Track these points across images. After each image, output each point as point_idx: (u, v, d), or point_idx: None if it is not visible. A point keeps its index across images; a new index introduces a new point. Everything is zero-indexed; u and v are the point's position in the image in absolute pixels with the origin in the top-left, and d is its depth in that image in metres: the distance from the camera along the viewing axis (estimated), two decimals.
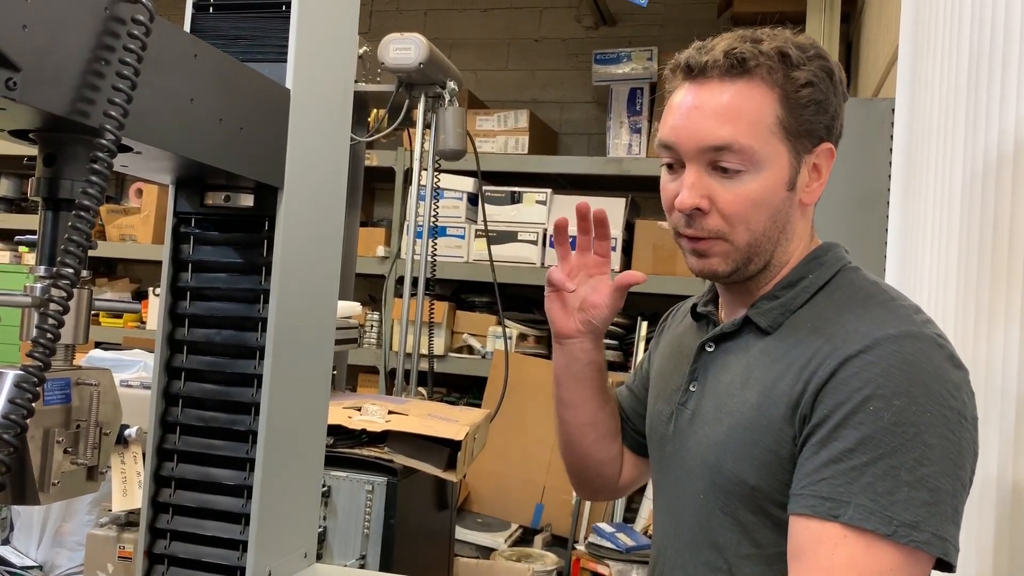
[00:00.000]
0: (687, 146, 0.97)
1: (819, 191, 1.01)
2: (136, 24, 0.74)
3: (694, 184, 0.96)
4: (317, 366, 1.15)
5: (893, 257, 1.85)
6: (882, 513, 0.84)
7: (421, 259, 2.87)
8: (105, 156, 0.71)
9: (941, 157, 1.44)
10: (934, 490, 0.84)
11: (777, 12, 3.83)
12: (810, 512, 0.87)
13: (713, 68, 0.96)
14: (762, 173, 0.95)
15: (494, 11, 4.87)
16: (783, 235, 1.00)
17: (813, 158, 0.99)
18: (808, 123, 0.96)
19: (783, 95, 0.95)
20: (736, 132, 0.94)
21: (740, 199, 0.96)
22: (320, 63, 1.09)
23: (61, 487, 0.80)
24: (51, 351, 0.67)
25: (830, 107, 0.98)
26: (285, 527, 1.09)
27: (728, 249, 0.98)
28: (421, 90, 2.72)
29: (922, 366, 0.88)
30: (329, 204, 1.15)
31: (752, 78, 0.95)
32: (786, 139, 0.96)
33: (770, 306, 1.01)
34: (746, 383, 0.98)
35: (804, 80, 0.95)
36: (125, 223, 4.48)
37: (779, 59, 0.95)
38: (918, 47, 1.69)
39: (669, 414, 1.09)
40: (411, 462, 2.02)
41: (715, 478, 0.99)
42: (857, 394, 0.87)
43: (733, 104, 0.95)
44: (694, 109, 0.96)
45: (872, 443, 0.85)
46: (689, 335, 1.13)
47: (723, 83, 0.95)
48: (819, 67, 0.97)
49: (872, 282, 1.00)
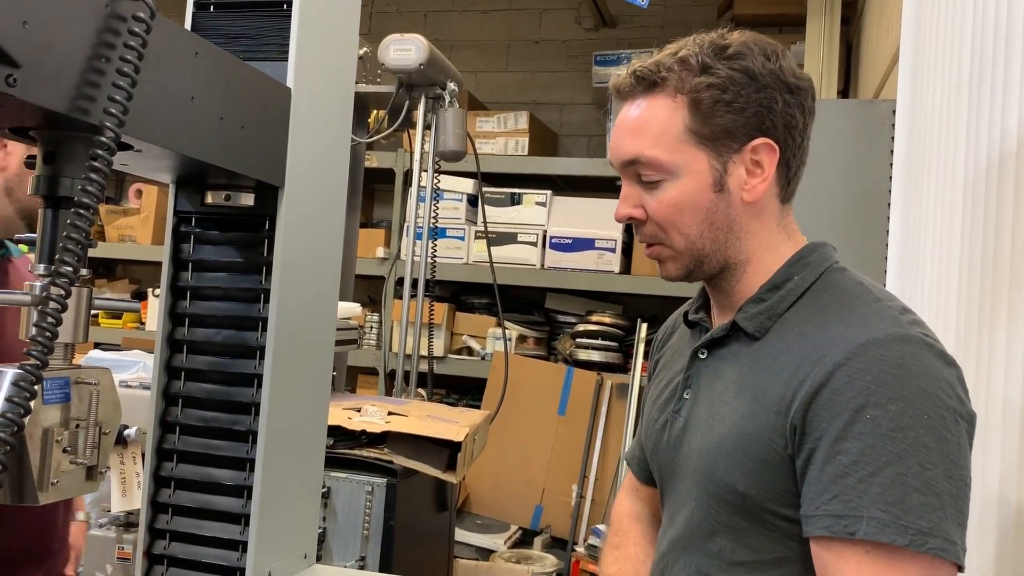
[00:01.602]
0: (614, 162, 1.05)
1: (763, 187, 0.99)
2: (137, 21, 0.73)
3: (627, 196, 1.04)
4: (317, 366, 1.15)
5: (894, 260, 1.84)
6: (896, 523, 0.83)
7: (421, 260, 2.87)
8: (105, 154, 0.70)
9: (943, 158, 1.44)
10: (939, 494, 0.84)
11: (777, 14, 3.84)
12: (827, 533, 0.87)
13: (627, 89, 1.02)
14: (680, 179, 0.99)
15: (494, 12, 4.87)
16: (730, 235, 1.01)
17: (748, 155, 0.99)
18: (723, 124, 0.97)
19: (690, 101, 0.98)
20: (642, 145, 1.00)
21: (664, 206, 1.00)
22: (321, 62, 1.09)
23: (60, 486, 0.80)
24: (49, 349, 0.67)
25: (749, 104, 0.97)
26: (285, 528, 1.09)
27: (671, 254, 1.03)
28: (421, 91, 2.72)
29: (912, 368, 0.87)
30: (330, 203, 1.15)
31: (659, 92, 1.00)
32: (700, 144, 0.98)
33: (756, 310, 1.00)
34: (739, 391, 0.98)
35: (706, 84, 0.97)
36: (124, 224, 4.48)
37: (681, 67, 0.98)
38: (919, 48, 1.69)
39: (664, 422, 1.09)
40: (411, 463, 2.02)
41: (707, 486, 0.99)
42: (851, 404, 0.87)
43: (640, 119, 1.01)
44: (616, 128, 1.04)
45: (874, 452, 0.85)
46: (683, 342, 1.13)
47: (635, 100, 1.02)
48: (734, 67, 0.97)
49: (857, 283, 1.00)
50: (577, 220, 3.86)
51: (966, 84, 1.32)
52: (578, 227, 3.85)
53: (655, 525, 1.23)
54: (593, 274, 3.82)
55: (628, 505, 1.28)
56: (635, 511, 1.27)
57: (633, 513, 1.27)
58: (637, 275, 3.80)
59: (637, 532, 1.25)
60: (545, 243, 3.89)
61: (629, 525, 1.26)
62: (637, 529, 1.25)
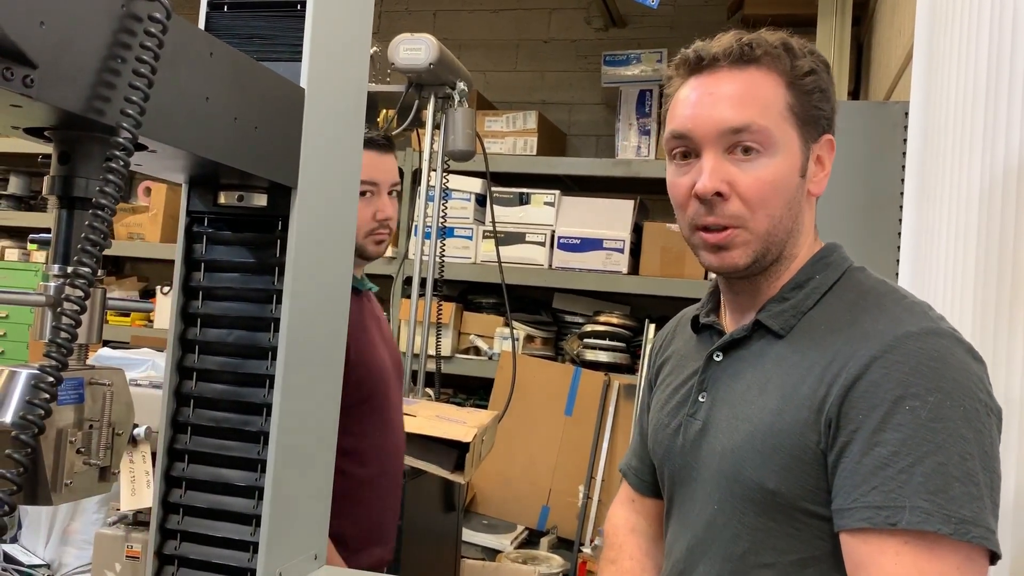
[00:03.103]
0: (704, 130, 0.97)
1: (824, 182, 1.02)
2: (153, 22, 0.73)
3: (715, 168, 0.97)
4: (329, 367, 1.14)
5: (906, 263, 1.83)
6: (939, 512, 0.83)
7: (429, 260, 2.87)
8: (122, 155, 0.70)
9: (958, 161, 1.43)
10: (979, 484, 0.84)
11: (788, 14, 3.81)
12: (866, 524, 0.86)
13: (723, 58, 0.98)
14: (777, 157, 0.97)
15: (504, 12, 4.87)
16: (796, 225, 1.00)
17: (818, 148, 1.01)
18: (815, 110, 0.99)
19: (790, 82, 0.98)
20: (753, 114, 0.96)
21: (759, 182, 0.96)
22: (335, 62, 1.09)
23: (73, 487, 0.79)
24: (68, 351, 0.66)
25: (831, 97, 1.01)
26: (296, 529, 1.08)
27: (748, 239, 0.98)
28: (431, 91, 2.72)
29: (948, 361, 0.88)
30: (342, 204, 1.15)
31: (760, 66, 0.98)
32: (796, 125, 0.98)
33: (780, 308, 1.00)
34: (764, 389, 0.97)
35: (808, 68, 0.99)
36: (133, 221, 4.49)
37: (783, 48, 0.99)
38: (934, 48, 1.68)
39: (676, 427, 1.07)
40: (419, 463, 2.02)
41: (732, 487, 0.98)
42: (890, 395, 0.87)
43: (747, 89, 0.97)
44: (708, 95, 0.98)
45: (915, 443, 0.85)
46: (690, 347, 1.12)
47: (732, 72, 0.98)
48: (818, 58, 1.01)
49: (881, 281, 1.01)
50: (585, 220, 3.86)
51: (983, 85, 1.31)
52: (586, 227, 3.85)
53: (653, 538, 1.22)
54: (601, 274, 3.82)
55: (624, 517, 1.26)
56: (631, 523, 1.25)
57: (628, 525, 1.25)
58: (645, 276, 3.79)
59: (633, 545, 1.23)
60: (553, 243, 3.88)
61: (624, 538, 1.24)
62: (633, 542, 1.23)
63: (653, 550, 1.22)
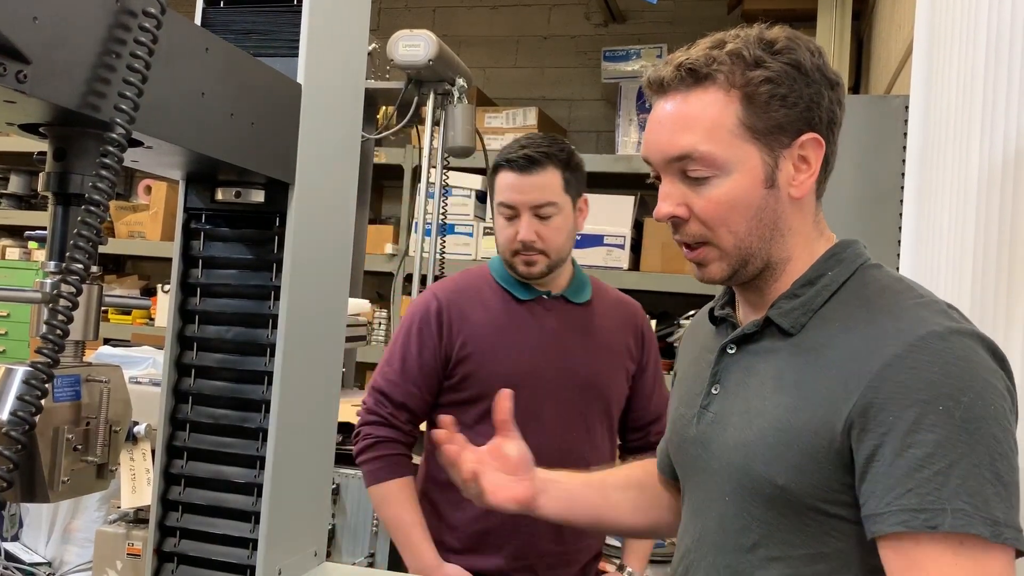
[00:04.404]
0: (655, 159, 1.01)
1: (810, 182, 0.99)
2: (147, 17, 0.73)
3: (669, 193, 1.00)
4: (327, 363, 1.14)
5: (907, 257, 1.83)
6: (980, 515, 0.82)
7: (429, 256, 2.86)
8: (116, 151, 0.70)
9: (958, 154, 1.42)
10: (1007, 484, 0.84)
11: (787, 9, 3.80)
12: (904, 528, 0.84)
13: (670, 82, 0.99)
14: (732, 176, 0.96)
15: (503, 8, 4.86)
16: (775, 232, 0.99)
17: (796, 151, 0.98)
18: (777, 119, 0.97)
19: (744, 95, 0.96)
20: (694, 140, 0.96)
21: (713, 204, 0.97)
22: (332, 58, 1.08)
23: (71, 485, 0.79)
24: (60, 347, 0.66)
25: (800, 99, 0.97)
26: (295, 525, 1.08)
27: (718, 254, 0.99)
28: (430, 87, 2.71)
29: (975, 361, 0.87)
30: (340, 200, 1.15)
31: (708, 85, 0.97)
32: (753, 139, 0.96)
33: (790, 306, 0.99)
34: (779, 385, 0.97)
35: (762, 77, 0.96)
36: (134, 220, 4.49)
37: (733, 61, 0.96)
38: (934, 42, 1.67)
39: (691, 417, 1.07)
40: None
41: (742, 480, 0.97)
42: (921, 396, 0.86)
43: (689, 113, 0.97)
44: (657, 123, 1.00)
45: (950, 444, 0.84)
46: (709, 338, 1.12)
47: (680, 94, 0.98)
48: (785, 61, 0.97)
49: (897, 279, 0.99)
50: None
51: (980, 79, 1.30)
52: (587, 223, 3.83)
53: (653, 492, 1.26)
54: (602, 270, 3.81)
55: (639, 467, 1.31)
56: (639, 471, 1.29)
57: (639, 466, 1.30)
58: (646, 271, 3.79)
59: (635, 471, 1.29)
60: None
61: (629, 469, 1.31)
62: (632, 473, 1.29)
63: (643, 503, 1.26)
